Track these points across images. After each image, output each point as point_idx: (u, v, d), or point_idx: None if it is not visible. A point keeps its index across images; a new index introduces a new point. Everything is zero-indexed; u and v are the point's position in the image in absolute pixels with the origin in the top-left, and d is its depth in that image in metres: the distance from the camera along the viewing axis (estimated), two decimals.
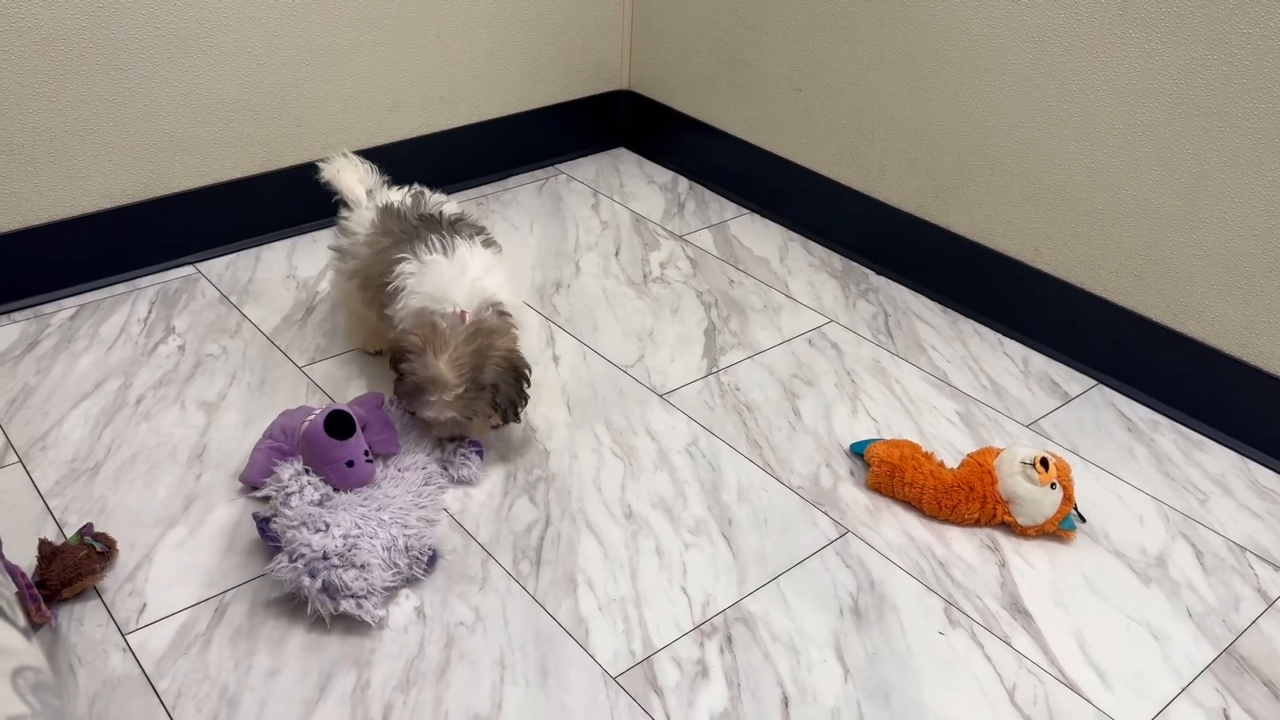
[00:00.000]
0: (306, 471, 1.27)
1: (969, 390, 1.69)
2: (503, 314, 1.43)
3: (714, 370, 1.70)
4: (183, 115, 1.82)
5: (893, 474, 1.42)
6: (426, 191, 1.60)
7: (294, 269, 1.91)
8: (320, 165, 1.64)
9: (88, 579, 1.22)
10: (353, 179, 1.62)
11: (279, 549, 1.22)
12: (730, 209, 2.22)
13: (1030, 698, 1.18)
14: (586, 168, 2.37)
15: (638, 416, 1.59)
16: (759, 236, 2.12)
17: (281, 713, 1.11)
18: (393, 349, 1.43)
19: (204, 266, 1.91)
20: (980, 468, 1.41)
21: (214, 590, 1.25)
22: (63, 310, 1.76)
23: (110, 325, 1.73)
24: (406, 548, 1.25)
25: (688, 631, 1.23)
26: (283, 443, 1.38)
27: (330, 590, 1.18)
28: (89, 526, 1.27)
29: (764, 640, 1.23)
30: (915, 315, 1.88)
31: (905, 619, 1.27)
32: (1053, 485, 1.36)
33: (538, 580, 1.29)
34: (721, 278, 1.96)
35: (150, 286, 1.84)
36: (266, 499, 1.30)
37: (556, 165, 2.37)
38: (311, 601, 1.19)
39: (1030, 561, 1.37)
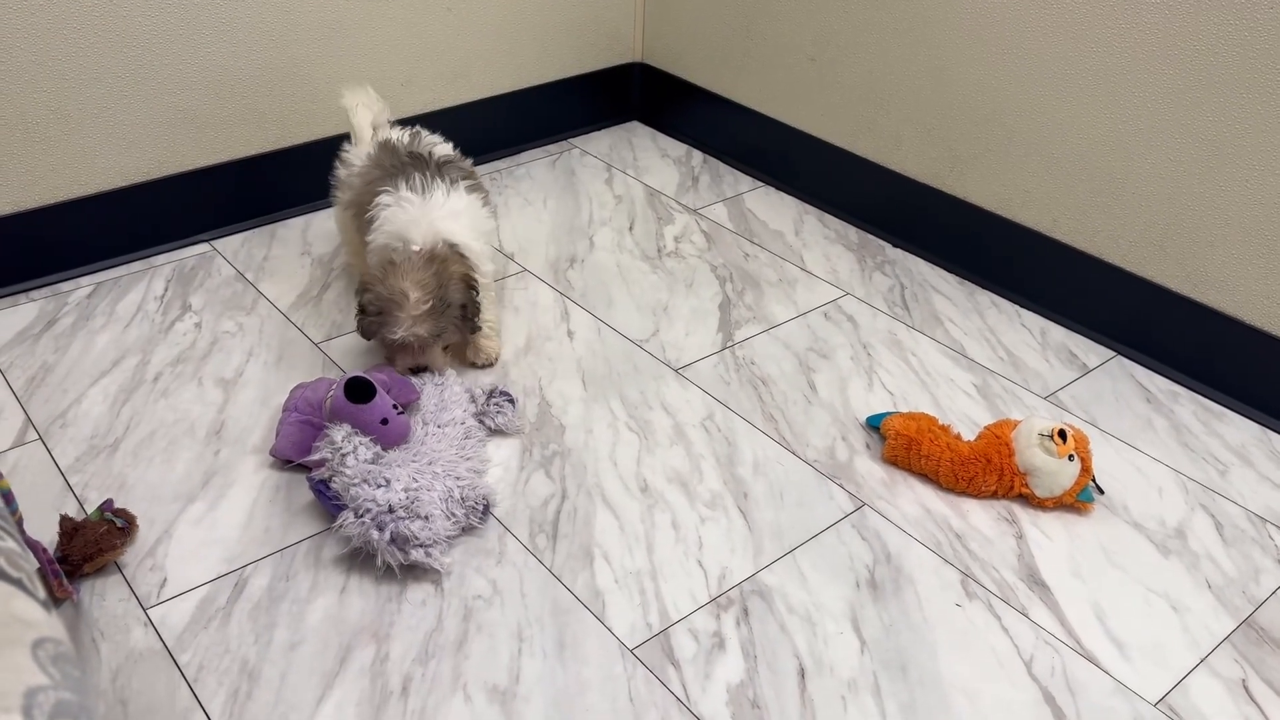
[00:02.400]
0: (356, 432, 1.30)
1: (986, 362, 1.68)
2: (453, 247, 1.50)
3: (729, 344, 1.70)
4: (196, 92, 1.81)
5: (909, 447, 1.42)
6: (424, 132, 1.66)
7: (309, 245, 1.91)
8: (343, 92, 1.70)
9: (109, 554, 1.23)
10: (365, 117, 1.68)
11: (338, 508, 1.26)
12: (745, 182, 2.21)
13: (1048, 669, 1.18)
14: (600, 142, 2.36)
15: (653, 391, 1.59)
16: (774, 209, 2.10)
17: (301, 685, 1.12)
18: (359, 288, 1.50)
19: (219, 244, 1.91)
20: (998, 440, 1.40)
21: (234, 565, 1.26)
22: (80, 289, 1.77)
23: (127, 303, 1.73)
24: (462, 498, 1.30)
25: (704, 604, 1.24)
26: (310, 415, 1.39)
27: (399, 541, 1.22)
28: (109, 502, 1.28)
29: (780, 613, 1.23)
30: (932, 287, 1.87)
31: (922, 591, 1.27)
32: (1071, 457, 1.35)
33: (554, 554, 1.30)
34: (736, 251, 1.95)
35: (166, 264, 1.85)
36: (305, 468, 1.34)
37: (570, 139, 2.36)
38: (380, 554, 1.23)
39: (1048, 533, 1.36)
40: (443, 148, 1.63)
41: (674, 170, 2.24)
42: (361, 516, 1.23)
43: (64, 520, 1.23)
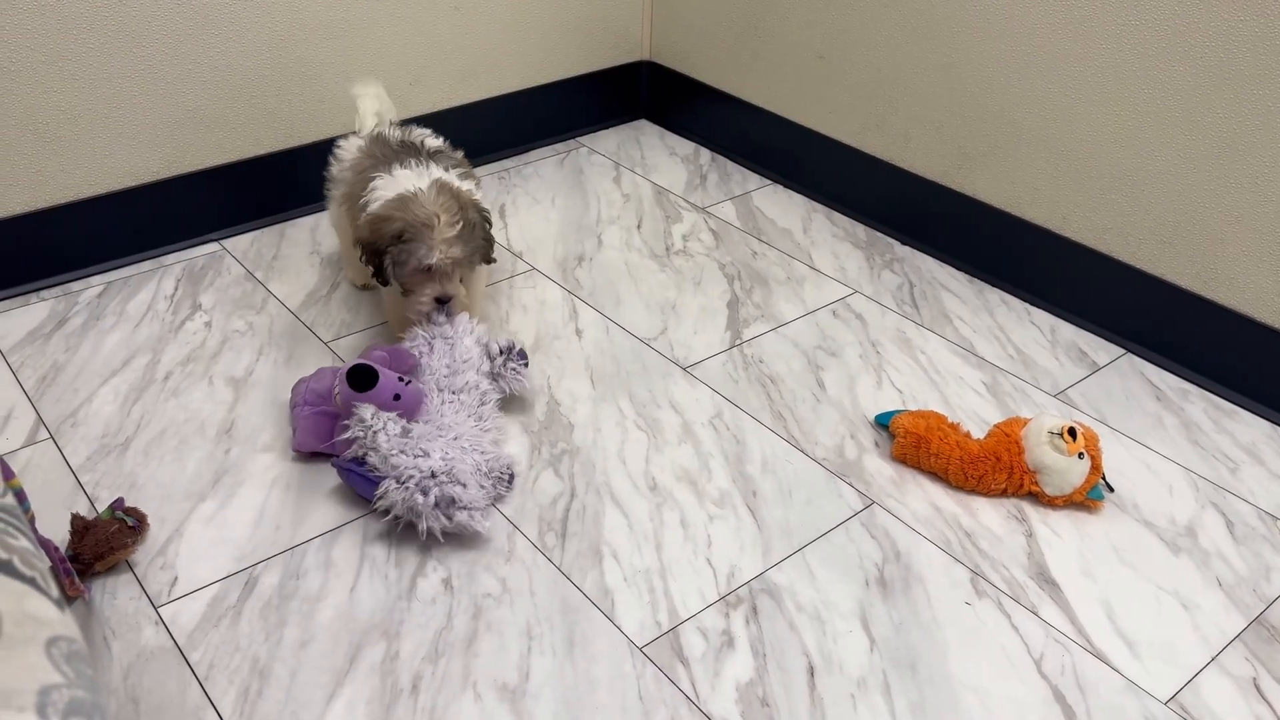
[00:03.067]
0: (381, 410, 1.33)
1: (996, 360, 1.67)
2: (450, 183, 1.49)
3: (737, 343, 1.70)
4: (206, 92, 1.82)
5: (918, 445, 1.42)
6: (415, 128, 1.65)
7: (318, 245, 1.92)
8: (353, 80, 1.74)
9: (120, 553, 1.23)
10: (371, 106, 1.70)
11: (373, 482, 1.28)
12: (753, 180, 2.20)
13: (1058, 668, 1.17)
14: (608, 140, 2.36)
15: (661, 389, 1.59)
16: (782, 207, 2.10)
17: (312, 683, 1.13)
18: (363, 234, 1.47)
19: (229, 243, 1.92)
20: (1007, 438, 1.40)
21: (244, 563, 1.27)
22: (90, 288, 1.78)
23: (137, 302, 1.74)
24: (488, 470, 1.34)
25: (713, 602, 1.24)
26: (322, 405, 1.41)
27: (443, 504, 1.25)
28: (120, 501, 1.28)
29: (789, 611, 1.23)
30: (941, 285, 1.86)
31: (931, 589, 1.27)
32: (1080, 455, 1.35)
33: (563, 552, 1.30)
34: (744, 249, 1.95)
35: (176, 264, 1.85)
36: (324, 457, 1.38)
37: (578, 138, 2.36)
38: (424, 519, 1.26)
39: (1058, 532, 1.36)
40: (434, 140, 1.62)
41: (682, 168, 2.24)
42: (404, 483, 1.25)
43: (75, 519, 1.24)
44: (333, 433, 1.38)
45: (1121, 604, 1.26)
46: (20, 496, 1.06)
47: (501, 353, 1.48)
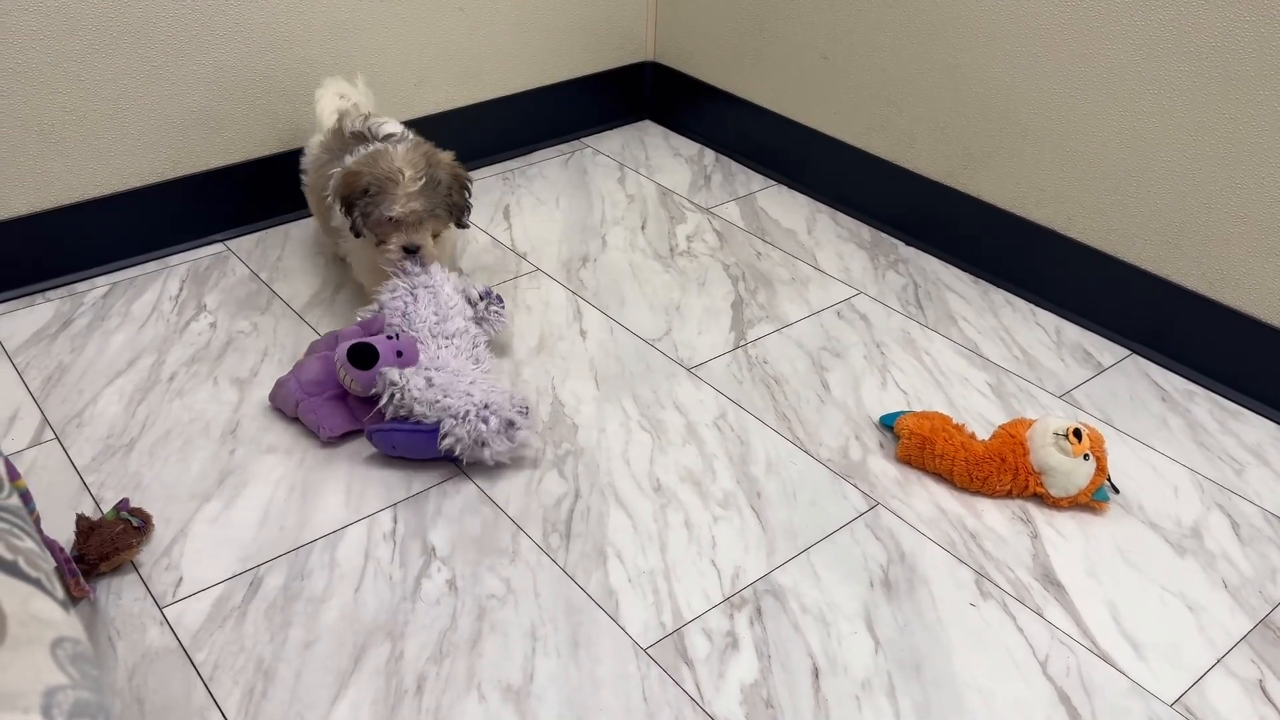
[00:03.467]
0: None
1: (1000, 361, 1.67)
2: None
3: (742, 343, 1.69)
4: (210, 93, 1.82)
5: (923, 446, 1.41)
6: (377, 117, 1.67)
7: (322, 245, 1.92)
8: (316, 88, 1.76)
9: (125, 553, 1.23)
10: (329, 105, 1.73)
11: (422, 432, 1.36)
12: (757, 181, 2.20)
13: (1063, 669, 1.17)
14: (612, 141, 2.36)
15: (665, 390, 1.58)
16: (786, 208, 2.10)
17: (316, 684, 1.13)
18: (338, 189, 1.55)
19: (234, 244, 1.92)
20: (1012, 439, 1.39)
21: (249, 564, 1.27)
22: (95, 289, 1.78)
23: (142, 303, 1.74)
24: (513, 404, 1.39)
25: (718, 604, 1.24)
26: (328, 390, 1.45)
27: (504, 428, 1.35)
28: (125, 502, 1.28)
29: (794, 612, 1.23)
30: (946, 286, 1.86)
31: (936, 591, 1.26)
32: (1086, 456, 1.35)
33: (568, 553, 1.30)
34: (749, 250, 1.95)
35: (181, 264, 1.85)
36: (333, 447, 1.37)
37: (582, 139, 2.36)
38: (490, 446, 1.35)
39: (1063, 533, 1.36)
40: (391, 126, 1.64)
41: (686, 169, 2.24)
42: (464, 418, 1.34)
43: (80, 519, 1.24)
44: (354, 412, 1.44)
45: (1127, 605, 1.25)
46: (26, 497, 1.06)
47: (482, 298, 1.57)
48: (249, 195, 1.93)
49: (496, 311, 1.57)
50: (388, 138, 1.60)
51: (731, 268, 1.89)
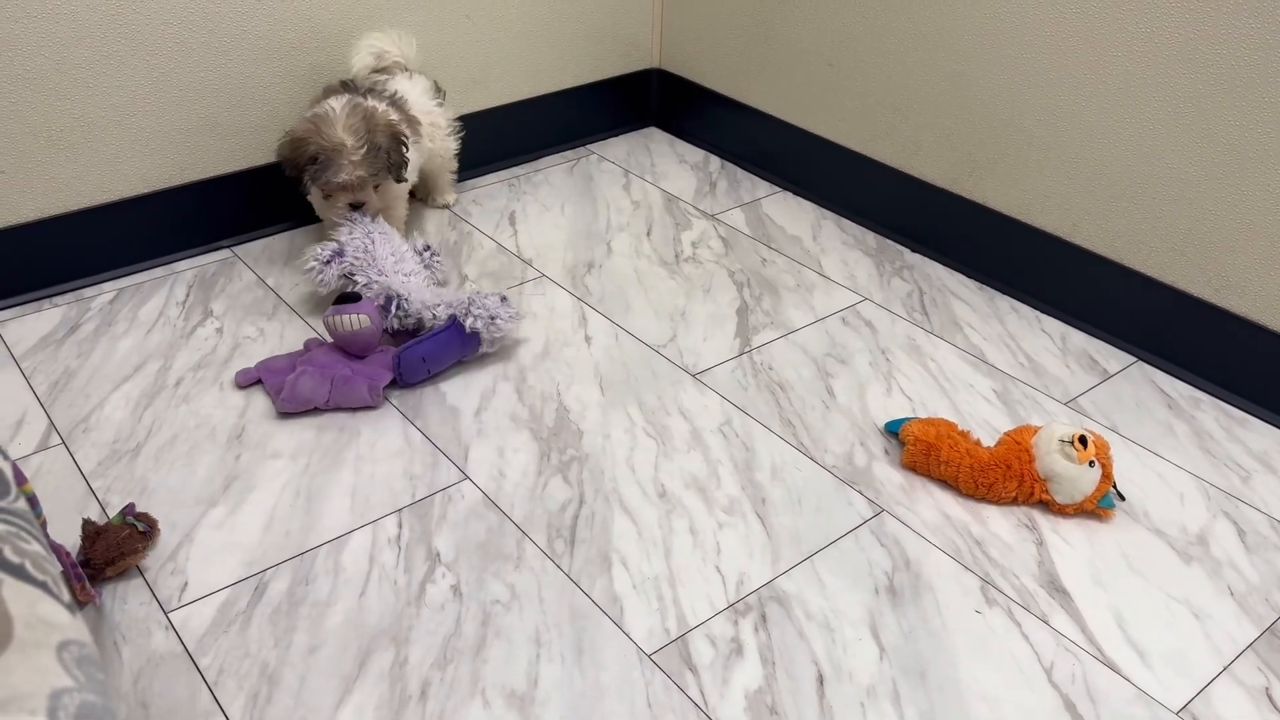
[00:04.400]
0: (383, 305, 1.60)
1: (1006, 368, 1.67)
2: (392, 96, 1.75)
3: (747, 349, 1.70)
4: (218, 100, 1.83)
5: (928, 452, 1.41)
6: (390, 73, 1.85)
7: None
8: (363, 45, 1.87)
9: (130, 558, 1.24)
10: (360, 63, 1.85)
11: (449, 329, 1.54)
12: (762, 187, 2.21)
13: (1068, 676, 1.17)
14: (617, 147, 2.36)
15: (670, 396, 1.59)
16: (791, 215, 2.10)
17: (321, 689, 1.13)
18: (284, 153, 1.70)
19: (240, 250, 1.92)
20: (1018, 446, 1.39)
21: (254, 569, 1.27)
22: (102, 294, 1.78)
23: (149, 308, 1.75)
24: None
25: (722, 610, 1.24)
26: (327, 367, 1.53)
27: (501, 302, 1.56)
28: (131, 506, 1.29)
29: (799, 619, 1.23)
30: (951, 292, 1.86)
31: (941, 598, 1.26)
32: (1091, 463, 1.35)
33: (572, 559, 1.30)
34: (754, 257, 1.95)
35: (188, 270, 1.86)
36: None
37: (588, 145, 2.36)
38: (498, 318, 1.55)
39: (1068, 540, 1.35)
40: (398, 83, 1.82)
41: (691, 176, 2.25)
42: (471, 303, 1.55)
43: (86, 524, 1.25)
44: (332, 380, 1.52)
45: (1132, 613, 1.25)
46: (33, 502, 1.06)
47: (426, 249, 1.73)
48: (256, 202, 1.94)
49: (437, 260, 1.74)
50: (368, 90, 1.75)
51: (736, 274, 1.90)
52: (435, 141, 1.92)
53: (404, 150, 1.73)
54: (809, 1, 2.01)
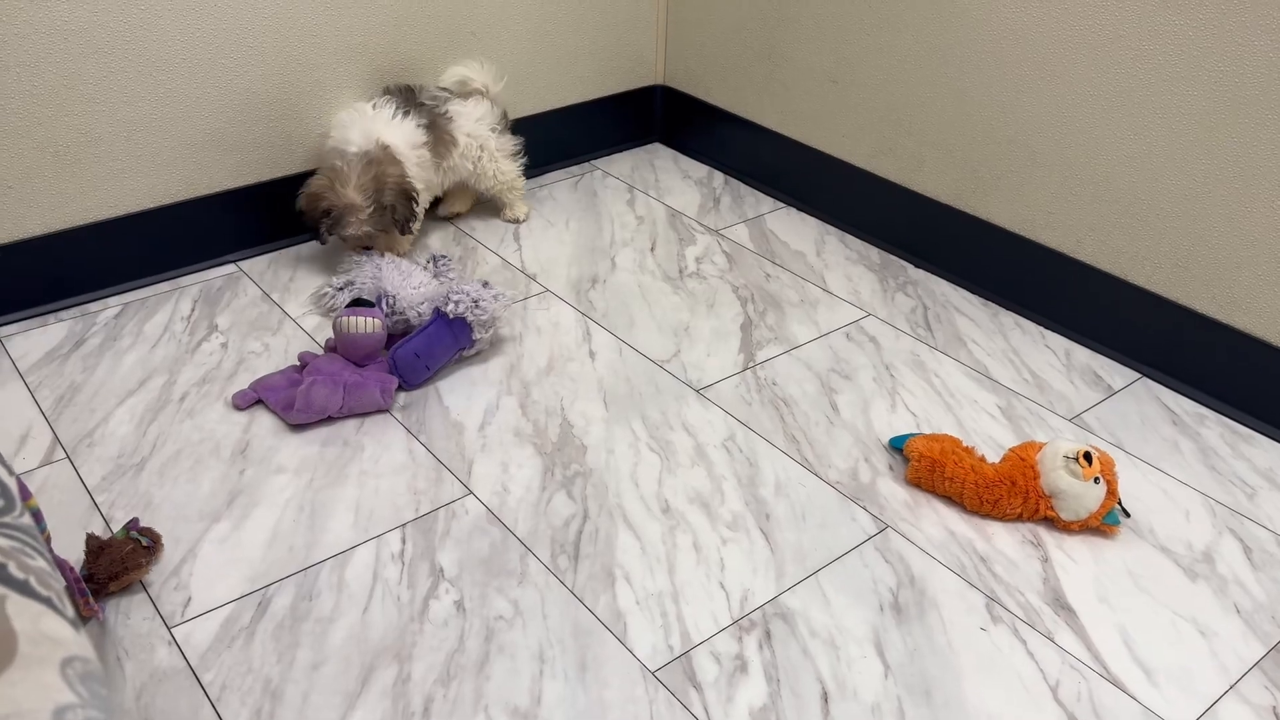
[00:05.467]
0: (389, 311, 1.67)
1: (1010, 384, 1.67)
2: (386, 148, 1.82)
3: (750, 365, 1.70)
4: (224, 115, 1.84)
5: (933, 469, 1.41)
6: (448, 95, 1.97)
7: (334, 267, 1.93)
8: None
9: (134, 573, 1.24)
10: (448, 76, 2.02)
11: (439, 323, 1.59)
12: (766, 203, 2.21)
13: (1074, 694, 1.16)
14: (622, 163, 2.37)
15: (674, 411, 1.59)
16: (795, 230, 2.11)
17: (324, 705, 1.12)
18: (302, 205, 1.82)
19: (245, 265, 1.93)
20: (1022, 462, 1.39)
21: (257, 584, 1.27)
22: (108, 309, 1.79)
23: (154, 323, 1.75)
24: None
25: (726, 627, 1.23)
26: (334, 374, 1.54)
27: (483, 287, 1.61)
28: (135, 521, 1.29)
29: (803, 636, 1.22)
30: (955, 308, 1.86)
31: (946, 615, 1.26)
32: (1096, 480, 1.34)
33: (576, 574, 1.30)
34: (758, 272, 1.96)
35: (193, 285, 1.86)
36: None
37: (592, 161, 2.37)
38: (481, 303, 1.59)
39: (1074, 557, 1.35)
40: (435, 94, 1.94)
41: (695, 191, 2.25)
42: (452, 294, 1.59)
43: (90, 539, 1.24)
44: (344, 386, 1.53)
45: (1138, 630, 1.25)
46: (37, 516, 1.06)
47: (431, 260, 1.83)
48: (261, 217, 1.95)
49: (445, 266, 1.81)
50: (411, 102, 1.90)
51: (740, 289, 1.90)
52: (483, 164, 2.00)
53: (413, 205, 1.84)
54: (813, 19, 2.02)
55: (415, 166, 1.87)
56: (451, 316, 1.59)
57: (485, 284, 1.63)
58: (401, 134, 1.84)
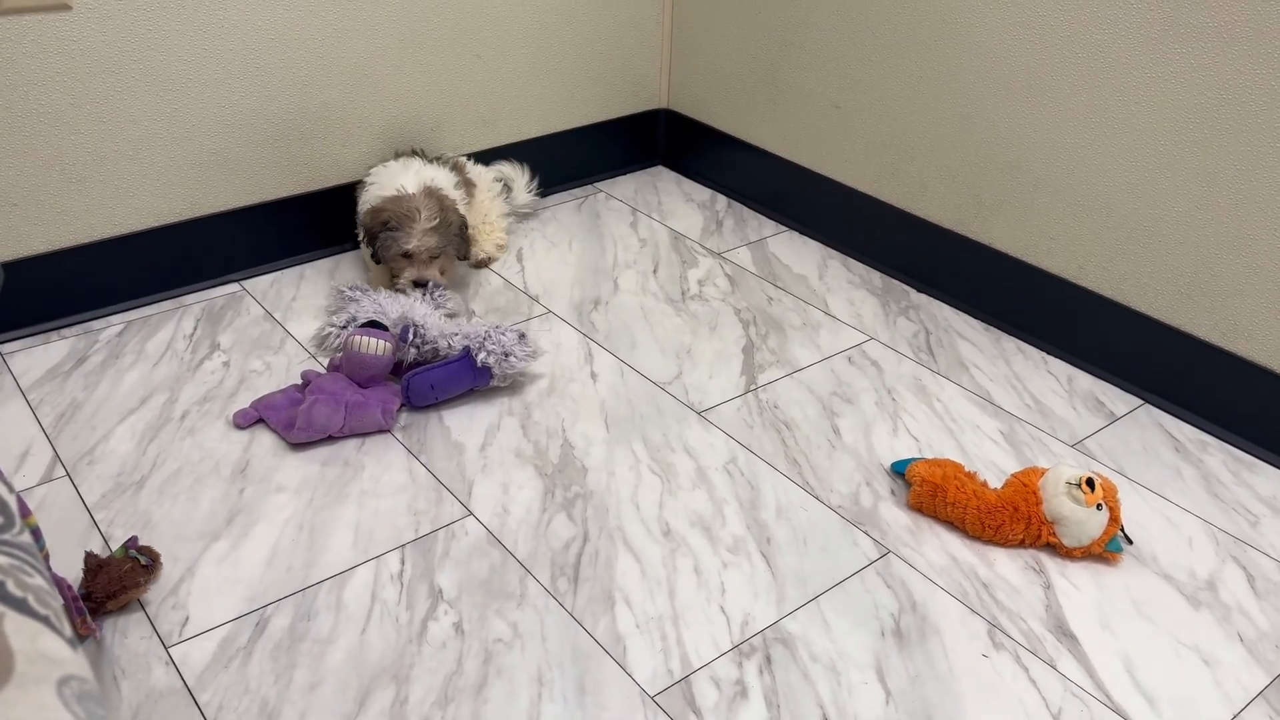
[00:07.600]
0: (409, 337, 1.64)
1: (1012, 409, 1.66)
2: (439, 188, 1.84)
3: (752, 388, 1.69)
4: (230, 135, 1.85)
5: (935, 493, 1.41)
6: (457, 156, 2.04)
7: (336, 291, 1.93)
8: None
9: (132, 592, 1.23)
10: (513, 174, 2.16)
11: (459, 361, 1.58)
12: (769, 226, 2.21)
13: None
14: (625, 186, 2.37)
15: (675, 434, 1.58)
16: (798, 254, 2.11)
17: None
18: (364, 220, 1.83)
19: (249, 284, 1.93)
20: (1025, 488, 1.39)
21: (255, 604, 1.26)
22: (110, 326, 1.79)
23: (157, 341, 1.75)
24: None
25: (726, 651, 1.22)
26: (338, 394, 1.54)
27: (519, 339, 1.61)
28: (134, 540, 1.28)
29: (804, 661, 1.22)
30: (957, 333, 1.86)
31: (948, 641, 1.25)
32: (1099, 506, 1.34)
33: (575, 597, 1.29)
34: (760, 295, 1.96)
35: (196, 303, 1.87)
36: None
37: (595, 183, 2.38)
38: (513, 355, 1.58)
39: (1076, 584, 1.34)
40: (447, 156, 2.00)
41: (698, 214, 2.26)
42: (486, 338, 1.59)
43: (89, 557, 1.24)
44: (345, 405, 1.53)
45: (1141, 658, 1.24)
46: (36, 534, 1.06)
47: (430, 289, 1.80)
48: (265, 236, 1.95)
49: (441, 294, 1.80)
50: (426, 157, 1.94)
51: (743, 312, 1.90)
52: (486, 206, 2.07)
53: (467, 231, 1.86)
54: (816, 44, 2.03)
55: (460, 205, 1.92)
56: (479, 364, 1.58)
57: (522, 335, 1.62)
58: (443, 176, 1.89)
